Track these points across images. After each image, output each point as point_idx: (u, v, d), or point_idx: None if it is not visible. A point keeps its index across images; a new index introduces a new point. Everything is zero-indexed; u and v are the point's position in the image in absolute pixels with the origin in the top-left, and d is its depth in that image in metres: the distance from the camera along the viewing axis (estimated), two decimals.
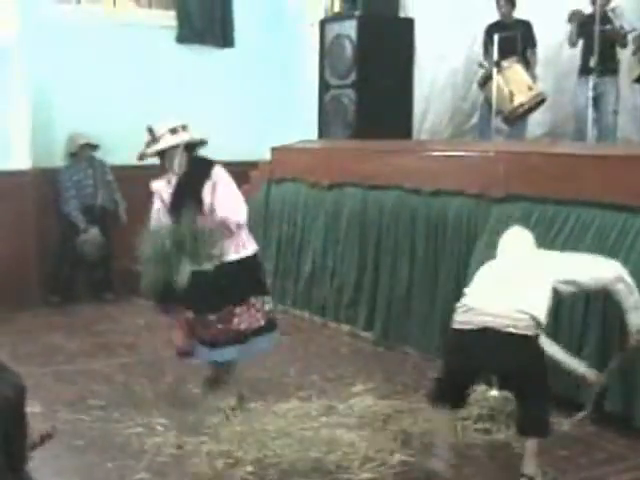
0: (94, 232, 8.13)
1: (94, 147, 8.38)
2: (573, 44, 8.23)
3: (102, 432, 4.85)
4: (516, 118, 7.95)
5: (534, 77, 8.22)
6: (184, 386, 5.62)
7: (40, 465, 2.23)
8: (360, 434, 4.79)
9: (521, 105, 7.78)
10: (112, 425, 4.94)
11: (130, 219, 8.37)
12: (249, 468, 4.39)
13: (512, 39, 8.17)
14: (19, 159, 8.00)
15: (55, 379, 5.76)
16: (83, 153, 8.30)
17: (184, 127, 5.17)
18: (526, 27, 8.49)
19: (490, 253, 5.67)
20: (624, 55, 8.15)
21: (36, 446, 2.53)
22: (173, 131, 5.11)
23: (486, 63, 8.33)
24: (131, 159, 8.38)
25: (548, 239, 5.40)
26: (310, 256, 7.63)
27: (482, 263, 5.65)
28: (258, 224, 8.35)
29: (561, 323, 5.17)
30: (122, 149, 8.51)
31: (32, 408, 4.58)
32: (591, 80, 7.82)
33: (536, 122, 8.52)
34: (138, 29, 8.75)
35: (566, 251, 5.20)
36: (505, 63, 7.77)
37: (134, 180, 8.28)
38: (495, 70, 7.79)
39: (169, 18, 9.14)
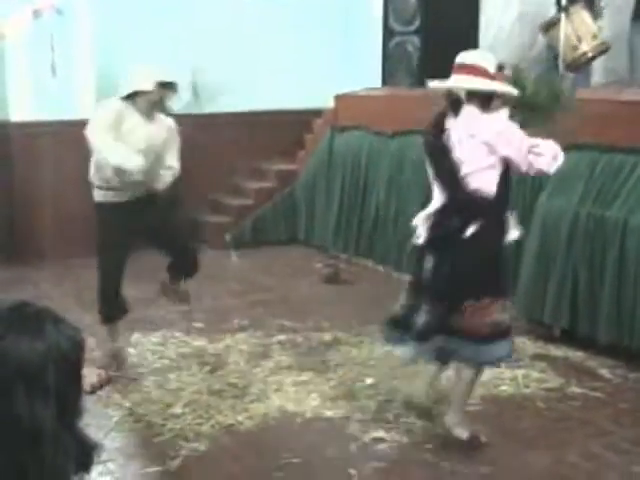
0: None
1: None
2: None
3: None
4: (578, 66, 7.75)
5: (597, 24, 7.97)
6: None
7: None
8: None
9: (584, 54, 7.57)
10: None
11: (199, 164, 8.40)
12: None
13: None
14: (84, 111, 8.06)
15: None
16: None
17: None
18: None
19: (554, 202, 5.61)
20: None
21: (95, 390, 2.56)
22: None
23: None
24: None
25: (614, 188, 5.31)
26: (373, 204, 7.60)
27: (547, 212, 5.61)
28: (321, 172, 8.35)
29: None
30: None
31: (93, 353, 4.70)
32: None
33: (603, 69, 8.31)
34: None
35: (633, 201, 5.13)
36: (572, 9, 7.55)
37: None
38: (563, 15, 7.58)
39: None
